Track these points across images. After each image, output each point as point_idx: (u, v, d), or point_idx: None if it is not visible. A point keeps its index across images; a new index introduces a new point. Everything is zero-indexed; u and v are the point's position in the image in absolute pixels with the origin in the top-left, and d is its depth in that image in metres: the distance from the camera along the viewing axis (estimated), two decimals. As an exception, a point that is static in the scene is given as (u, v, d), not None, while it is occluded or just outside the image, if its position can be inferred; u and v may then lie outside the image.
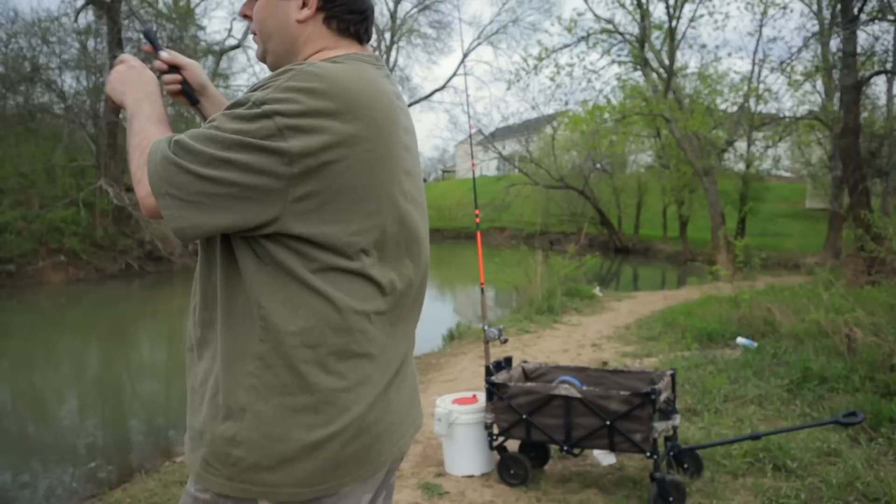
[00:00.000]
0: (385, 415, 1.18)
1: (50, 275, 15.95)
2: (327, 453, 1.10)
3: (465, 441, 3.45)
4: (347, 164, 1.09)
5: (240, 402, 1.10)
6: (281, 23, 1.22)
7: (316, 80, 1.08)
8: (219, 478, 1.11)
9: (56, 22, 18.55)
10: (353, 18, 1.23)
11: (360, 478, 1.17)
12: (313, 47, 1.22)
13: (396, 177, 1.17)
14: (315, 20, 1.21)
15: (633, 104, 17.47)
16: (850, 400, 4.19)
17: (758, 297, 7.08)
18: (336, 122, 1.07)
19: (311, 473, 1.10)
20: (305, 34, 1.22)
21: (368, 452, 1.16)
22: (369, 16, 1.26)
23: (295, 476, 1.10)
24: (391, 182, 1.16)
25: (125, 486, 3.88)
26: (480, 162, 45.69)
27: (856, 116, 11.62)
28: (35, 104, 19.25)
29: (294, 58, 1.23)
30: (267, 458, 1.09)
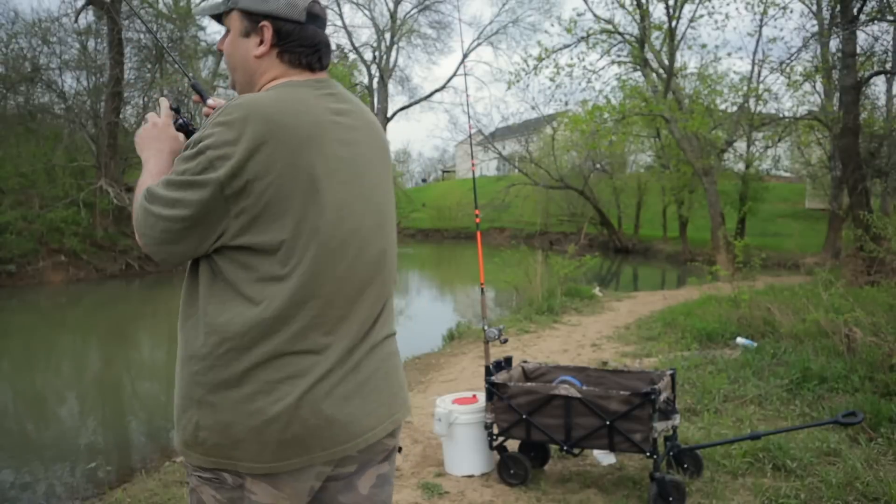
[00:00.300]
0: (323, 406, 1.30)
1: (50, 275, 15.95)
2: (269, 436, 1.28)
3: (465, 441, 3.46)
4: (269, 180, 1.26)
5: (195, 395, 1.31)
6: (243, 58, 1.42)
7: (235, 111, 1.27)
8: (195, 454, 1.32)
9: (56, 22, 18.58)
10: (304, 51, 1.41)
11: (311, 461, 1.32)
12: (267, 77, 1.42)
13: (324, 184, 1.31)
14: (270, 55, 1.41)
15: (633, 104, 17.47)
16: (849, 400, 4.19)
17: (757, 297, 7.09)
18: (251, 145, 1.25)
19: (260, 452, 1.28)
20: (262, 67, 1.42)
21: (310, 439, 1.30)
22: (321, 48, 1.44)
23: (248, 453, 1.29)
24: (317, 190, 1.30)
25: (125, 486, 3.88)
26: (480, 162, 45.68)
27: (855, 117, 11.62)
28: (35, 104, 19.26)
29: (253, 87, 1.43)
30: (224, 439, 1.29)
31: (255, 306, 1.27)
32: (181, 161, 1.30)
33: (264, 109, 1.28)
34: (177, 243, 1.31)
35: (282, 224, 1.27)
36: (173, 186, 1.29)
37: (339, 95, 1.43)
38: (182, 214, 1.27)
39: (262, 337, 1.28)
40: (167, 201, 1.29)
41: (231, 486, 1.32)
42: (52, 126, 19.65)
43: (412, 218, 41.08)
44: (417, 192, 47.95)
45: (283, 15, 1.39)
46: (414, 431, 4.31)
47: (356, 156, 1.40)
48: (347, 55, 34.87)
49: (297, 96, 1.35)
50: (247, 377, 1.28)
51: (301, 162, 1.28)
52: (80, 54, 19.03)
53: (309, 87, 1.39)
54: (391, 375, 1.46)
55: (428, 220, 40.39)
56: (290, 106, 1.31)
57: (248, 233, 1.27)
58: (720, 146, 19.26)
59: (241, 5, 1.40)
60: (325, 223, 1.31)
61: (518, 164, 28.60)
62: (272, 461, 1.30)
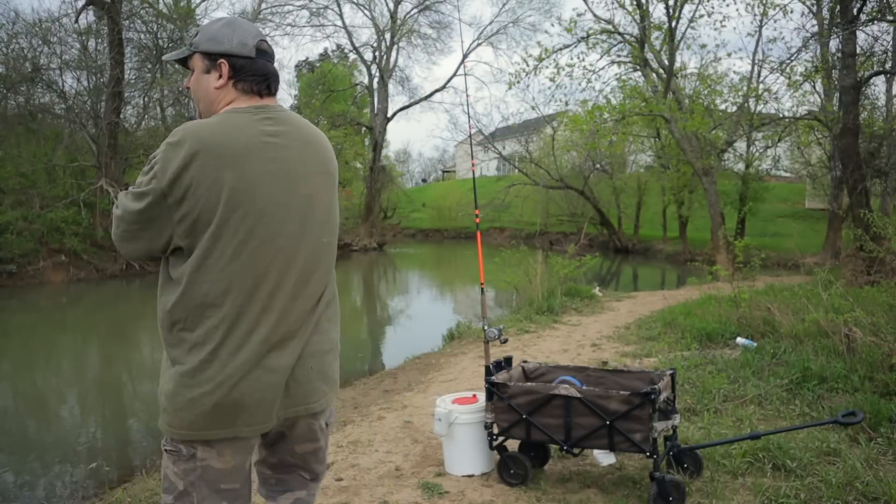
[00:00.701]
0: (247, 386, 1.60)
1: (50, 275, 15.96)
2: (200, 408, 1.59)
3: (465, 441, 3.46)
4: (201, 191, 1.55)
5: (162, 371, 1.69)
6: (205, 90, 1.73)
7: (178, 133, 1.59)
8: (160, 420, 1.67)
9: (57, 22, 18.60)
10: (255, 79, 1.72)
11: (235, 433, 1.63)
12: (223, 104, 1.71)
13: (252, 189, 1.60)
14: (227, 86, 1.71)
15: (633, 104, 17.46)
16: (849, 400, 4.19)
17: (757, 297, 7.09)
18: (181, 157, 1.54)
19: (192, 421, 1.60)
20: (220, 96, 1.72)
21: (237, 413, 1.61)
22: (269, 78, 1.75)
23: (183, 421, 1.61)
24: (243, 192, 1.58)
25: (126, 486, 3.90)
26: (480, 162, 45.68)
27: (855, 117, 11.62)
28: (36, 104, 19.27)
29: (213, 113, 1.72)
30: (170, 406, 1.63)
31: (193, 298, 1.60)
32: (141, 175, 1.62)
33: (200, 132, 1.58)
34: (134, 242, 1.66)
35: (214, 225, 1.57)
36: (132, 196, 1.62)
37: (276, 119, 1.71)
38: (137, 217, 1.61)
39: (199, 325, 1.61)
40: (125, 208, 1.63)
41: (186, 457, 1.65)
42: (53, 126, 19.66)
43: (412, 218, 41.09)
44: (417, 192, 47.97)
45: (237, 52, 1.70)
46: (414, 431, 4.32)
47: (285, 170, 1.67)
48: (347, 55, 34.90)
49: (233, 121, 1.64)
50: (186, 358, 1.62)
51: (227, 175, 1.57)
52: (81, 54, 19.04)
53: (248, 113, 1.67)
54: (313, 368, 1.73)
55: (428, 220, 40.40)
56: (224, 129, 1.61)
57: (191, 235, 1.58)
58: (720, 146, 19.25)
59: (202, 48, 1.71)
60: (241, 228, 1.59)
61: (518, 164, 28.60)
62: (201, 430, 1.62)
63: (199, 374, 1.59)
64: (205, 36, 1.72)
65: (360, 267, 23.28)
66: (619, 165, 28.95)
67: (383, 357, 8.93)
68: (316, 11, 28.24)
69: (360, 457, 3.88)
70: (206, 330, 1.59)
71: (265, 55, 1.76)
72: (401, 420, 4.61)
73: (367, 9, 29.89)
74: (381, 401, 5.32)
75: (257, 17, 24.99)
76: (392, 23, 29.50)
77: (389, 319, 12.71)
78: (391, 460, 3.79)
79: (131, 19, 19.07)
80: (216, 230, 1.57)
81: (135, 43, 19.83)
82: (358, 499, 3.27)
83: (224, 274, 1.58)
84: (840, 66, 12.12)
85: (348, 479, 3.55)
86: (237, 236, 1.58)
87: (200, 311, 1.59)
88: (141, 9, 19.46)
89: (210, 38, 1.71)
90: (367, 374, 7.14)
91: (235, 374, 1.59)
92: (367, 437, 4.24)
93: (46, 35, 18.54)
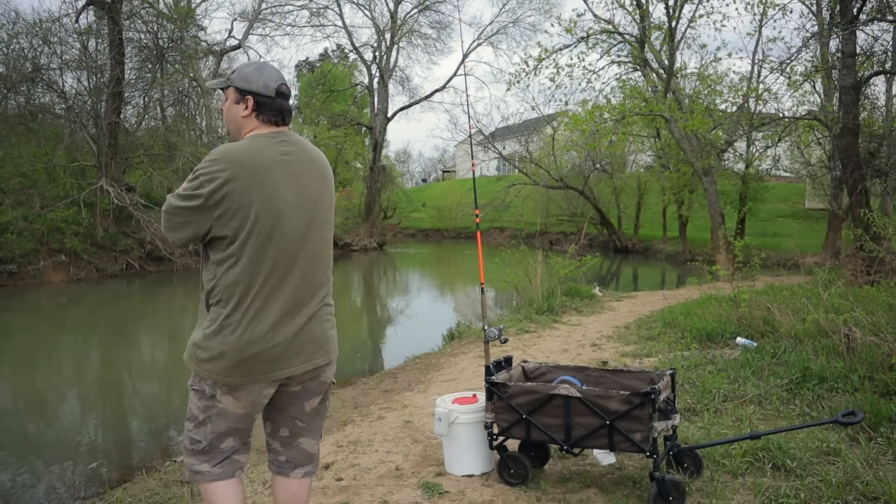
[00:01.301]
0: (265, 343, 2.11)
1: (51, 274, 15.96)
2: (227, 358, 2.10)
3: (465, 441, 3.46)
4: (235, 196, 2.07)
5: (198, 326, 2.20)
6: (234, 116, 2.25)
7: (216, 153, 2.12)
8: (191, 366, 2.19)
9: (57, 22, 18.55)
10: (272, 114, 2.23)
11: (253, 381, 2.14)
12: (247, 129, 2.24)
13: (274, 195, 2.12)
14: (251, 116, 2.23)
15: (633, 104, 17.45)
16: (849, 399, 4.20)
17: (757, 297, 7.09)
18: (223, 174, 2.06)
19: (221, 369, 2.12)
20: (245, 123, 2.24)
21: (256, 364, 2.12)
22: (284, 113, 2.26)
23: (213, 367, 2.12)
24: (268, 200, 2.10)
25: (126, 486, 3.89)
26: (480, 162, 45.66)
27: (855, 117, 11.61)
28: (36, 104, 19.25)
29: (239, 135, 2.25)
30: (204, 354, 2.13)
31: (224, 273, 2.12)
32: (186, 181, 2.14)
33: (234, 154, 2.11)
34: (181, 231, 2.14)
35: (243, 221, 2.08)
36: (179, 198, 2.13)
37: (289, 142, 2.22)
38: (184, 213, 2.12)
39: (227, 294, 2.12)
40: (175, 207, 2.13)
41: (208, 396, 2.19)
42: (53, 126, 19.65)
43: (412, 218, 41.10)
44: (417, 192, 47.96)
45: (260, 92, 2.21)
46: (414, 431, 4.32)
47: (296, 181, 2.18)
48: (347, 55, 34.90)
49: (258, 144, 2.16)
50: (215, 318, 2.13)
51: (255, 185, 2.09)
52: (81, 54, 19.02)
53: (268, 138, 2.19)
54: (321, 324, 2.25)
55: (428, 220, 40.40)
56: (251, 151, 2.13)
57: (226, 227, 2.09)
58: (720, 146, 19.24)
59: (235, 84, 2.23)
60: (266, 227, 2.10)
61: (518, 164, 28.60)
62: (229, 376, 2.13)
63: (230, 333, 2.09)
64: (239, 75, 2.24)
65: (360, 267, 23.29)
66: (619, 165, 28.95)
67: (383, 357, 8.93)
68: (316, 11, 28.24)
69: (360, 456, 3.88)
70: (237, 301, 2.10)
71: (283, 96, 2.25)
72: (401, 420, 4.61)
73: (367, 9, 29.90)
74: (381, 401, 5.32)
75: (257, 17, 24.98)
76: (392, 23, 29.50)
77: (389, 319, 12.71)
78: (391, 460, 3.79)
79: (131, 19, 19.06)
80: (250, 227, 2.08)
81: (135, 43, 19.82)
82: (358, 498, 3.27)
83: (252, 260, 2.10)
84: (840, 66, 12.11)
85: (348, 478, 3.55)
86: (263, 232, 2.10)
87: (234, 287, 2.10)
88: (141, 9, 19.44)
89: (242, 78, 2.23)
90: (367, 373, 7.14)
91: (258, 335, 2.10)
92: (367, 437, 4.25)
93: (47, 35, 18.52)
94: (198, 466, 2.23)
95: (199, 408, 2.19)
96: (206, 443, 2.21)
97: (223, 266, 2.11)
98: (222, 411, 2.17)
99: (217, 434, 2.20)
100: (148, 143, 20.58)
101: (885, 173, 13.58)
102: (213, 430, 2.20)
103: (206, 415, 2.19)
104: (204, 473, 2.23)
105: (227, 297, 2.10)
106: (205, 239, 2.14)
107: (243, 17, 25.04)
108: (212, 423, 2.19)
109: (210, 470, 2.23)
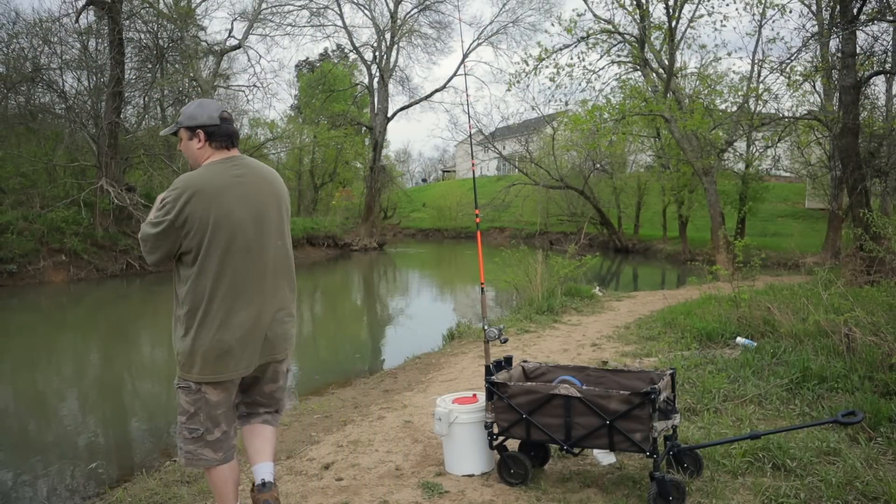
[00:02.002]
0: (233, 344, 2.52)
1: (51, 274, 15.97)
2: (204, 360, 2.51)
3: (465, 440, 3.46)
4: (192, 218, 2.46)
5: (176, 337, 2.58)
6: (191, 152, 2.67)
7: (178, 182, 2.52)
8: (178, 368, 2.59)
9: (57, 22, 18.56)
10: (222, 139, 2.64)
11: (228, 376, 2.56)
12: (204, 157, 2.65)
13: (228, 213, 2.51)
14: (205, 146, 2.64)
15: (633, 104, 17.44)
16: (849, 399, 4.20)
17: (757, 296, 7.09)
18: (184, 197, 2.47)
19: (200, 369, 2.53)
20: (202, 152, 2.65)
21: (226, 363, 2.53)
22: (232, 136, 2.66)
23: (193, 369, 2.54)
24: (223, 216, 2.50)
25: (126, 486, 3.89)
26: (480, 162, 45.65)
27: (855, 116, 11.61)
28: (36, 104, 19.25)
29: (198, 164, 2.64)
30: (186, 360, 2.54)
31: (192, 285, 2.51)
32: (154, 210, 2.54)
33: (192, 181, 2.51)
34: (155, 252, 2.54)
35: (203, 235, 2.48)
36: (152, 224, 2.51)
37: (240, 165, 2.63)
38: (155, 238, 2.52)
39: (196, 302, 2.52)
40: (147, 234, 2.53)
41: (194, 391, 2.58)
42: (53, 126, 19.65)
43: (412, 218, 41.12)
44: (417, 192, 47.97)
45: (207, 123, 2.62)
46: (414, 431, 4.32)
47: (247, 199, 2.57)
48: (347, 55, 34.90)
49: (212, 171, 2.57)
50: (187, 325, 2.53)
51: (211, 207, 2.48)
52: (81, 54, 19.02)
53: (222, 164, 2.61)
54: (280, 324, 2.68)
55: (428, 220, 40.41)
56: (207, 177, 2.53)
57: (191, 242, 2.49)
58: (720, 146, 19.24)
59: (184, 125, 2.64)
60: (223, 240, 2.50)
61: (518, 164, 28.59)
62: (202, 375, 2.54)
63: (205, 338, 2.49)
64: (185, 115, 2.64)
65: (360, 267, 23.29)
66: (619, 165, 28.95)
67: (383, 357, 8.93)
68: (316, 11, 28.23)
69: (360, 456, 3.88)
70: (204, 309, 2.49)
71: (227, 121, 2.65)
72: (401, 420, 4.61)
73: (367, 9, 29.89)
74: (381, 400, 5.33)
75: (257, 16, 24.97)
76: (392, 23, 29.48)
77: (389, 319, 12.71)
78: (391, 460, 3.79)
79: (131, 19, 19.05)
80: (209, 241, 2.48)
81: (135, 43, 19.81)
82: (358, 498, 3.27)
83: (216, 272, 2.50)
84: (840, 66, 12.11)
85: (348, 478, 3.55)
86: (221, 245, 2.50)
87: (201, 297, 2.49)
88: (141, 9, 19.44)
89: (188, 117, 2.63)
90: (367, 373, 7.14)
91: (228, 337, 2.51)
92: (367, 437, 4.25)
93: (47, 35, 18.52)
94: (201, 452, 2.62)
95: (189, 402, 2.58)
96: (203, 429, 2.60)
97: (190, 279, 2.50)
98: (208, 401, 2.58)
99: (210, 418, 2.60)
100: (148, 143, 20.57)
101: (885, 173, 13.58)
102: (206, 416, 2.60)
103: (195, 407, 2.58)
104: (209, 459, 2.63)
105: (197, 306, 2.49)
106: (175, 256, 2.53)
107: (243, 16, 25.04)
108: (202, 412, 2.59)
109: (214, 456, 2.63)
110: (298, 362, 8.36)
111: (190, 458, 2.64)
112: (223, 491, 2.68)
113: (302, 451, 4.09)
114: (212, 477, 2.68)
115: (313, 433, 4.50)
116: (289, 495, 3.35)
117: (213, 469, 2.65)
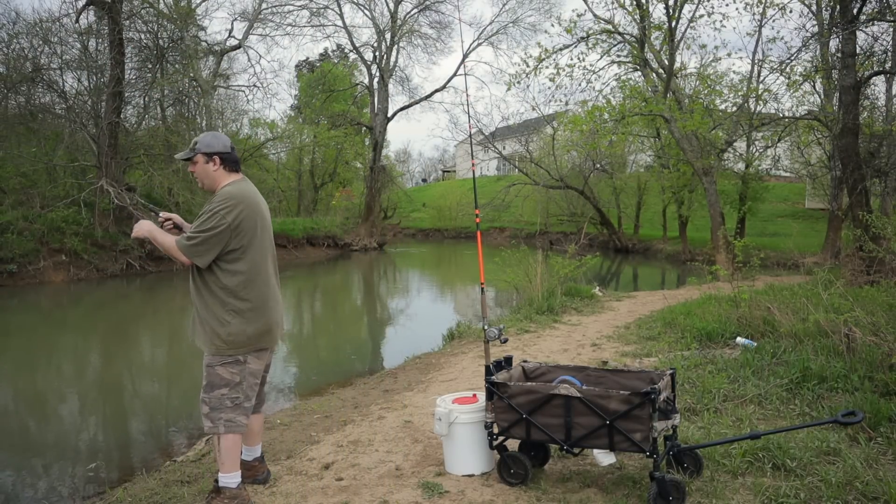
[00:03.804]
0: (272, 321, 3.20)
1: (51, 274, 15.96)
2: (252, 334, 3.13)
3: (465, 440, 3.46)
4: (243, 222, 3.11)
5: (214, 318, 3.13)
6: (207, 174, 3.22)
7: (229, 195, 3.12)
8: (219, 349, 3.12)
9: (57, 22, 18.55)
10: (233, 164, 3.25)
11: (269, 347, 3.25)
12: (220, 180, 3.22)
13: (260, 221, 3.20)
14: (219, 168, 3.21)
15: (633, 104, 17.44)
16: (849, 399, 4.20)
17: (757, 296, 7.09)
18: (235, 208, 3.09)
19: (247, 343, 3.13)
20: (217, 175, 3.22)
21: (269, 336, 3.21)
22: (238, 162, 3.30)
23: (241, 344, 3.11)
24: (257, 223, 3.17)
25: (126, 486, 3.89)
26: (480, 162, 45.65)
27: (855, 117, 11.61)
28: (36, 104, 19.24)
29: (214, 186, 3.21)
30: (232, 338, 3.10)
31: (232, 275, 3.12)
32: (209, 218, 3.06)
33: (241, 194, 3.14)
34: (208, 254, 3.07)
35: (246, 237, 3.13)
36: (207, 230, 3.05)
37: (251, 185, 3.28)
38: (210, 242, 3.06)
39: (234, 289, 3.12)
40: (202, 238, 3.05)
41: (241, 363, 3.13)
42: (53, 126, 19.63)
43: (412, 218, 41.12)
44: (417, 191, 47.97)
45: (223, 150, 3.21)
46: (414, 431, 4.32)
47: (262, 211, 3.25)
48: (347, 55, 34.88)
49: (247, 187, 3.23)
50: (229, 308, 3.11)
51: (254, 215, 3.16)
52: (81, 54, 19.02)
53: (245, 182, 3.25)
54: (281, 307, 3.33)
55: (428, 220, 40.41)
56: (247, 191, 3.19)
57: (238, 241, 3.11)
58: (720, 146, 19.24)
59: (202, 151, 3.19)
60: (257, 240, 3.17)
61: (518, 164, 28.59)
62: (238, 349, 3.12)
63: (250, 317, 3.11)
64: (202, 143, 3.18)
65: (360, 266, 23.28)
66: (619, 165, 28.95)
67: (383, 357, 8.93)
68: (316, 11, 28.21)
69: (360, 456, 3.89)
70: (249, 294, 3.13)
71: (234, 150, 3.28)
72: (401, 420, 4.61)
73: (367, 9, 29.87)
74: (381, 400, 5.33)
75: (257, 16, 24.97)
76: (392, 23, 29.47)
77: (389, 319, 12.71)
78: (391, 460, 3.79)
79: (132, 19, 19.05)
80: (249, 242, 3.13)
81: (135, 43, 19.82)
82: (358, 498, 3.27)
83: (254, 264, 3.16)
84: (840, 66, 12.10)
85: (348, 478, 3.55)
86: (256, 243, 3.17)
87: (245, 284, 3.12)
88: (141, 9, 19.44)
89: (206, 145, 3.18)
90: (367, 373, 7.14)
91: (269, 316, 3.18)
92: (367, 437, 4.25)
93: (47, 35, 18.52)
94: (239, 419, 3.10)
95: (235, 372, 3.10)
96: (243, 396, 3.11)
97: (241, 273, 3.10)
98: (252, 371, 3.14)
99: (250, 387, 3.14)
100: (148, 143, 20.57)
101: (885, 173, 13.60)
102: (248, 385, 3.13)
103: (241, 377, 3.11)
104: (243, 425, 3.12)
105: (244, 292, 3.10)
106: (220, 254, 3.09)
107: (243, 16, 25.05)
108: (245, 381, 3.13)
109: (245, 422, 3.15)
110: (299, 362, 8.36)
111: (230, 426, 3.07)
112: (235, 454, 3.13)
113: (302, 450, 4.09)
114: (228, 442, 3.08)
115: (313, 433, 4.50)
116: (289, 495, 3.35)
117: (235, 435, 3.10)
